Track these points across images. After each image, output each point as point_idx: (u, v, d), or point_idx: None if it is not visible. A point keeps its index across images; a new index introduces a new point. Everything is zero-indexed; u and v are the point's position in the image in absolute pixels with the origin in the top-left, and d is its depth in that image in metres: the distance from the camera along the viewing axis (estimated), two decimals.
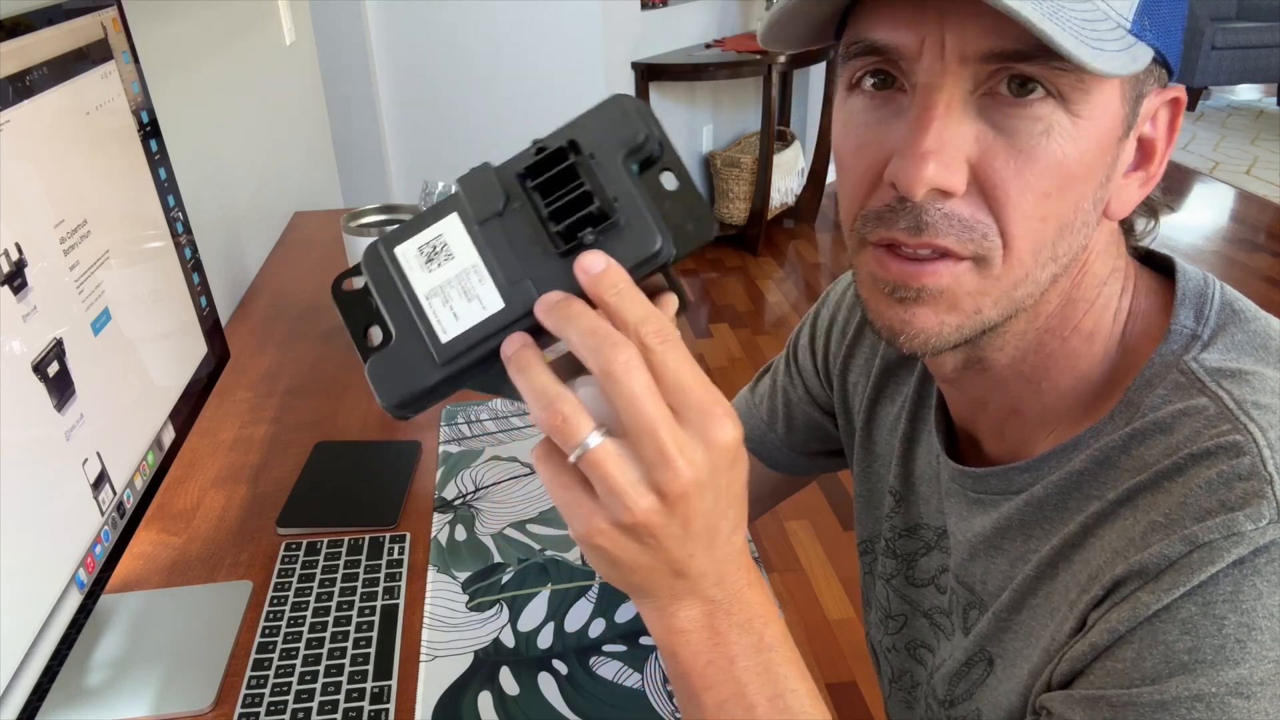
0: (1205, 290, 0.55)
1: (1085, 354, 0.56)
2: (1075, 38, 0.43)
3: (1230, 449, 0.47)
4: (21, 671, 0.59)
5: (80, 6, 0.77)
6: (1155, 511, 0.48)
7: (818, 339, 0.81)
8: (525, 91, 3.31)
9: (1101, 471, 0.53)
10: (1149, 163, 0.53)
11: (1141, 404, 0.52)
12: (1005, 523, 0.58)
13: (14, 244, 0.63)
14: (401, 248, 0.44)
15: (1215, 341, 0.53)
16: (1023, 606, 0.56)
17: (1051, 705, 0.49)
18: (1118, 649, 0.47)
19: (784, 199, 4.12)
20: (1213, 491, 0.47)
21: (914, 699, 0.71)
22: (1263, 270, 3.69)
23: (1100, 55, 0.44)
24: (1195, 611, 0.45)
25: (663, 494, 0.40)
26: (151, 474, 0.81)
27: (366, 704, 0.74)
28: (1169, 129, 0.53)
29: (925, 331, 0.52)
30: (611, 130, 0.43)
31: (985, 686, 0.60)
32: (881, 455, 0.74)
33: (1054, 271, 0.51)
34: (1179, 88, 0.53)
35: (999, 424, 0.61)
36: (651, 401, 0.39)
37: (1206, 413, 0.50)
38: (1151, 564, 0.47)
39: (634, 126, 0.43)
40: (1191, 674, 0.44)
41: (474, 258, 0.43)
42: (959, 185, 0.48)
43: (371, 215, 1.24)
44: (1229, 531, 0.45)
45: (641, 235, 0.42)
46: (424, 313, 0.43)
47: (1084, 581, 0.51)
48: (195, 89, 1.48)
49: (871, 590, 0.76)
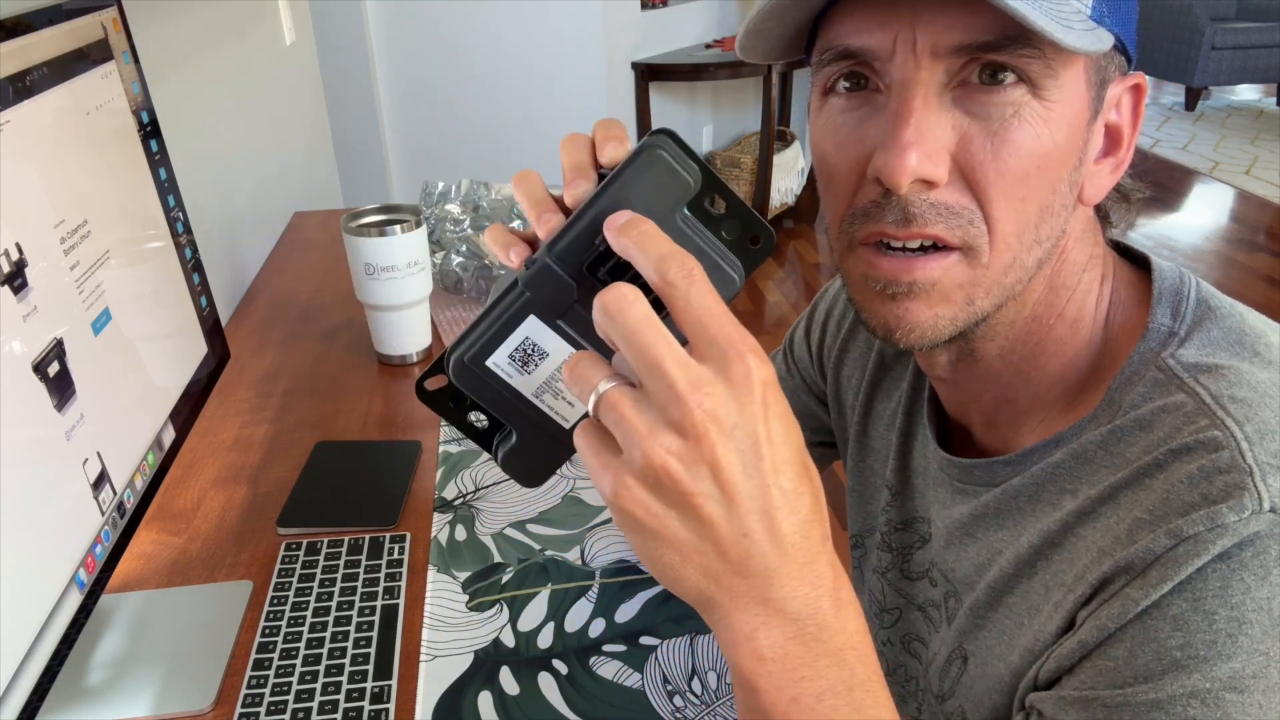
0: (1181, 288, 0.56)
1: (1071, 340, 0.57)
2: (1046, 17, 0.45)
3: (1209, 444, 0.48)
4: (21, 671, 0.59)
5: (80, 6, 0.77)
6: (1139, 508, 0.49)
7: (813, 332, 0.82)
8: (525, 91, 3.31)
9: (1078, 466, 0.54)
10: (1117, 148, 0.55)
11: (1122, 402, 0.53)
12: (981, 510, 0.60)
13: (14, 244, 0.63)
14: (493, 359, 0.44)
15: (1191, 338, 0.54)
16: (999, 604, 0.57)
17: (1043, 706, 0.49)
18: (1108, 647, 0.47)
19: (784, 199, 4.12)
20: (1194, 485, 0.47)
21: (908, 693, 0.71)
22: (1262, 270, 3.69)
23: (1070, 33, 0.46)
24: (1185, 608, 0.45)
25: (681, 431, 0.36)
26: (152, 474, 0.81)
27: (366, 704, 0.74)
28: (1133, 114, 0.55)
29: (920, 325, 0.52)
30: (661, 191, 0.42)
31: (962, 684, 0.60)
32: (877, 450, 0.75)
33: (1039, 256, 0.53)
34: (1138, 75, 0.55)
35: (991, 415, 0.62)
36: (653, 333, 0.36)
37: (1185, 408, 0.50)
38: (1138, 559, 0.47)
39: (681, 181, 0.42)
40: (1185, 671, 0.45)
41: (567, 349, 0.43)
42: (941, 175, 0.49)
43: (371, 215, 1.24)
44: (1213, 524, 0.45)
45: (717, 281, 0.41)
46: (539, 409, 0.45)
47: (1069, 581, 0.51)
48: (195, 89, 1.48)
49: (860, 584, 0.77)
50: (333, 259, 1.65)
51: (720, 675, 0.78)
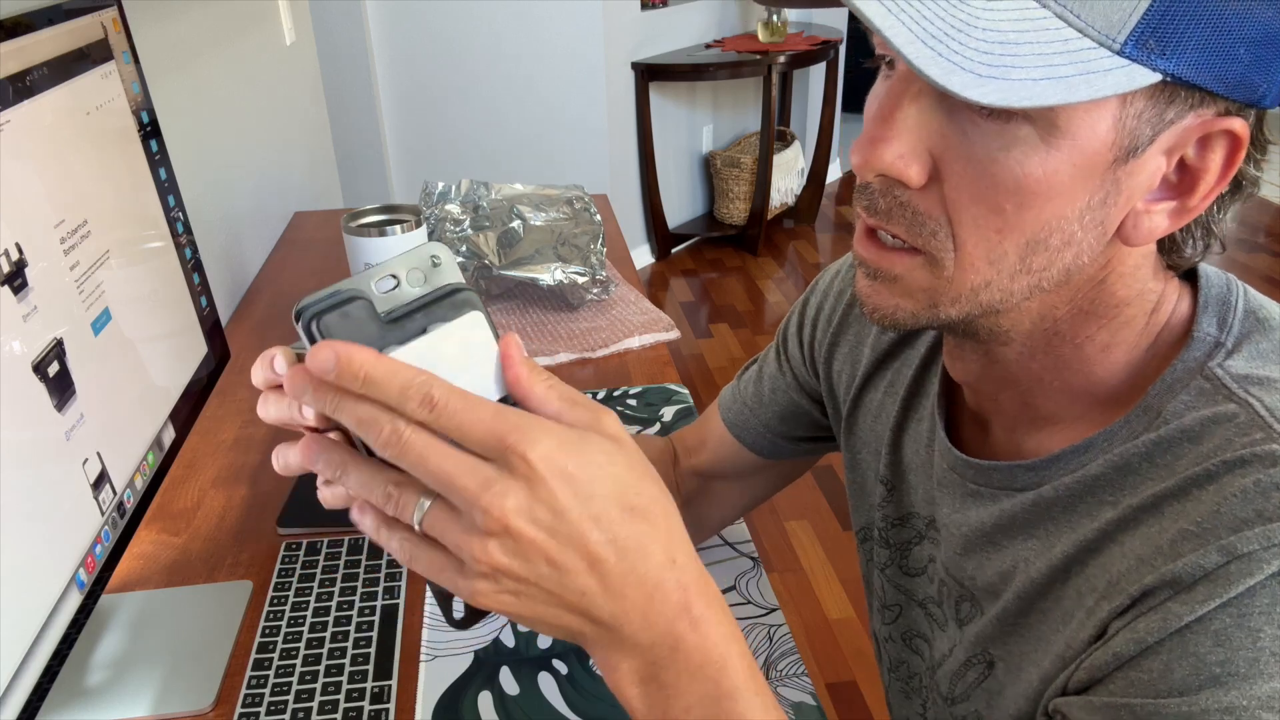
0: (1228, 297, 0.54)
1: (1101, 361, 0.55)
2: (949, 62, 0.40)
3: (1266, 458, 0.46)
4: (21, 671, 0.59)
5: (80, 6, 0.77)
6: (1185, 520, 0.47)
7: (804, 327, 0.81)
8: (525, 91, 3.31)
9: (1120, 478, 0.52)
10: (1188, 194, 0.48)
11: (1162, 409, 0.51)
12: (1007, 520, 0.58)
13: (14, 244, 0.63)
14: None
15: (1240, 349, 0.52)
16: (1031, 610, 0.56)
17: (1069, 710, 0.48)
18: (1144, 659, 0.46)
19: (784, 199, 4.12)
20: (1249, 501, 0.45)
21: (911, 689, 0.71)
22: (1262, 270, 3.70)
23: (988, 84, 0.40)
24: (1229, 623, 0.44)
25: (492, 534, 0.39)
26: (152, 474, 0.81)
27: (366, 704, 0.74)
28: (1224, 164, 0.47)
29: (881, 309, 0.54)
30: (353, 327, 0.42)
31: (983, 689, 0.59)
32: (869, 443, 0.74)
33: (1030, 283, 0.50)
34: (1234, 120, 0.46)
35: (1012, 417, 0.60)
36: (435, 455, 0.39)
37: (1237, 420, 0.48)
38: (1185, 574, 0.45)
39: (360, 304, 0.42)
40: (1223, 687, 0.43)
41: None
42: (913, 176, 0.48)
43: (371, 215, 1.24)
44: (1269, 543, 0.44)
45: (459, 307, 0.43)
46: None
47: (1103, 588, 0.50)
48: (195, 89, 1.48)
49: (870, 578, 0.76)
50: (333, 259, 1.65)
51: None
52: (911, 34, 0.41)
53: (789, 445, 0.85)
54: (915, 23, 0.41)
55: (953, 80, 0.40)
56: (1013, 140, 0.45)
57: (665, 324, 1.36)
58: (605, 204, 1.81)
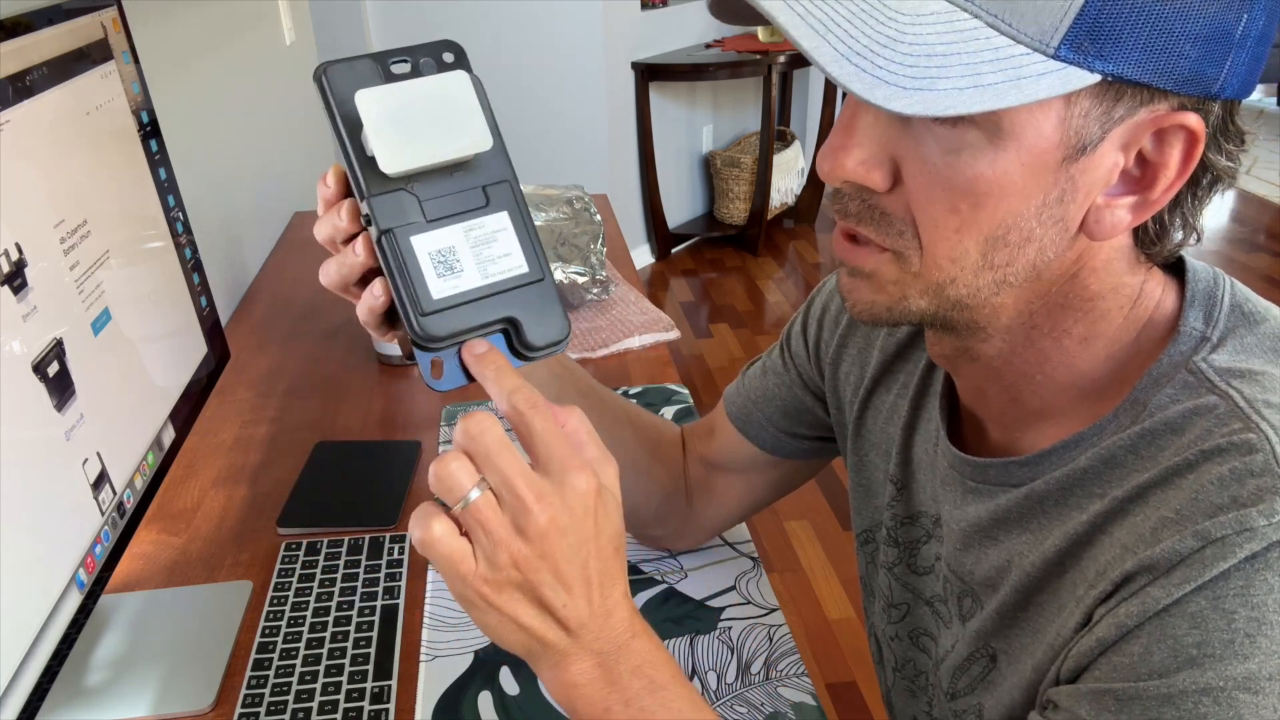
0: (1215, 291, 0.55)
1: (1082, 354, 0.56)
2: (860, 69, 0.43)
3: (1242, 446, 0.47)
4: (21, 671, 0.59)
5: (80, 6, 0.77)
6: (1165, 508, 0.48)
7: (810, 327, 0.82)
8: (525, 91, 3.31)
9: (1107, 470, 0.53)
10: (1149, 188, 0.49)
11: (1148, 403, 0.52)
12: (1002, 514, 0.59)
13: (14, 244, 0.63)
14: (434, 292, 0.49)
15: (1225, 343, 0.53)
16: (1029, 603, 0.57)
17: (1059, 699, 0.50)
18: (1125, 643, 0.47)
19: (784, 199, 4.12)
20: (1225, 487, 0.47)
21: (917, 688, 0.71)
22: (1262, 270, 3.70)
23: (902, 94, 0.42)
24: (1205, 606, 0.45)
25: (527, 535, 0.46)
26: (151, 474, 0.81)
27: (366, 704, 0.74)
28: (1182, 159, 0.47)
29: (859, 304, 0.56)
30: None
31: (987, 682, 0.60)
32: (878, 444, 0.75)
33: (994, 279, 0.51)
34: (1187, 115, 0.46)
35: (1000, 412, 0.61)
36: (506, 456, 0.46)
37: (1217, 411, 0.50)
38: (1162, 559, 0.47)
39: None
40: (1199, 668, 0.44)
41: (459, 230, 0.50)
42: (877, 181, 0.50)
43: None
44: (1241, 527, 0.45)
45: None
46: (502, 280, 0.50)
47: (1091, 577, 0.51)
48: (195, 89, 1.48)
49: (874, 579, 0.77)
50: None
51: (720, 675, 0.78)
52: (836, 52, 0.43)
53: (791, 442, 0.85)
54: (841, 41, 0.43)
55: (876, 94, 0.42)
56: (962, 143, 0.47)
57: (665, 324, 1.36)
58: (605, 204, 1.82)
